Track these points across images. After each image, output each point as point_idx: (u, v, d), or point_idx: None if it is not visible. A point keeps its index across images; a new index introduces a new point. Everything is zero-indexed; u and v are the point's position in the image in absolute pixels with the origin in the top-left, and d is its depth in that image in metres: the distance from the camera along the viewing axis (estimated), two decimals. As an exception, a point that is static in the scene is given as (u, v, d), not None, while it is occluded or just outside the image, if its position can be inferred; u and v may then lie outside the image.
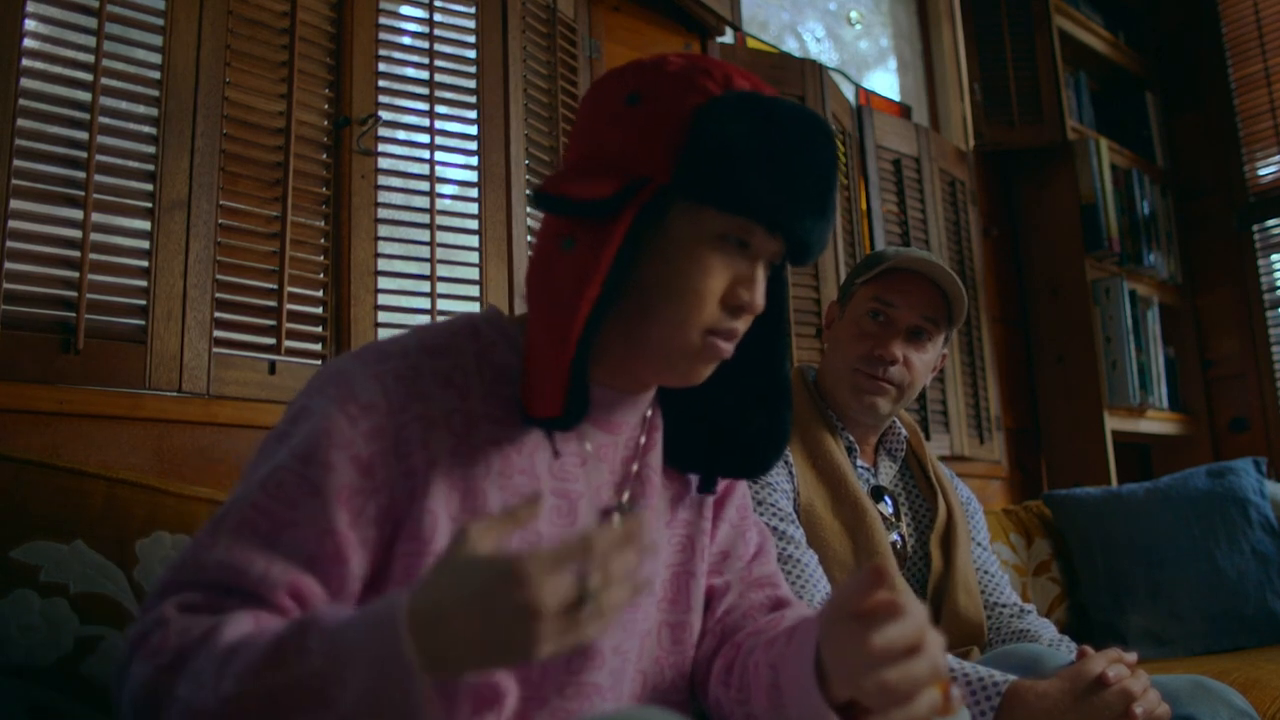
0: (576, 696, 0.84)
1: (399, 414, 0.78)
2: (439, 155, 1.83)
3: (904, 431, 1.54)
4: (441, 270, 1.78)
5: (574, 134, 0.88)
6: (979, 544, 1.57)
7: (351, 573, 0.76)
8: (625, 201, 0.79)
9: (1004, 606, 1.50)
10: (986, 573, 1.54)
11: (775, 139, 0.80)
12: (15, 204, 1.35)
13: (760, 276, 0.84)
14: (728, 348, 0.84)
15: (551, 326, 0.79)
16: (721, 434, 0.94)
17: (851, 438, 1.47)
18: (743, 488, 1.03)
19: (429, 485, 0.78)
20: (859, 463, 1.48)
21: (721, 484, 1.00)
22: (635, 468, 0.91)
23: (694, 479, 0.97)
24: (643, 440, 0.92)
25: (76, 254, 1.39)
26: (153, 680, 0.68)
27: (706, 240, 0.81)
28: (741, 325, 0.85)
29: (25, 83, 1.38)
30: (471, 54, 1.90)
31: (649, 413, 0.93)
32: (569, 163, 0.87)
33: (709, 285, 0.81)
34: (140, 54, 1.51)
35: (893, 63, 3.19)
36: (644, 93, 0.82)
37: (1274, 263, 3.31)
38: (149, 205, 1.48)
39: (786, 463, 1.42)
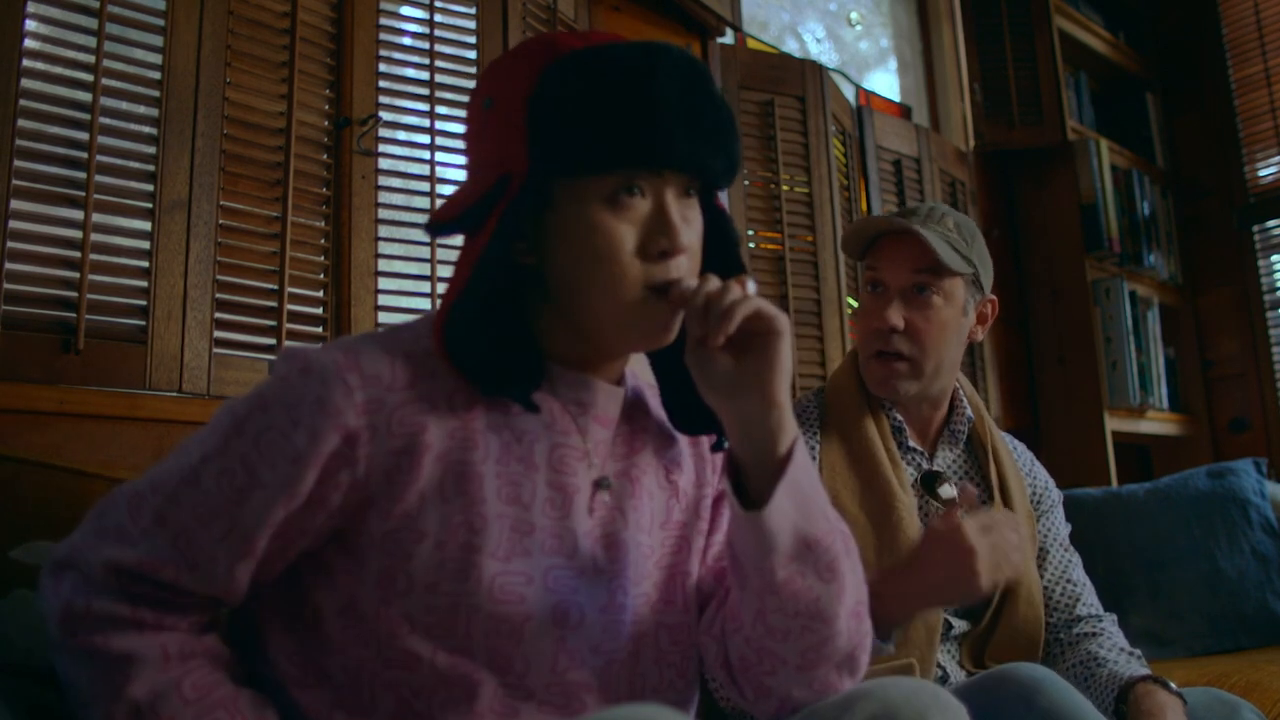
0: (561, 694, 0.84)
1: (402, 391, 0.80)
2: (439, 155, 1.83)
3: (969, 412, 1.41)
4: (442, 270, 1.78)
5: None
6: (1057, 544, 1.43)
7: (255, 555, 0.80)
8: (493, 204, 0.81)
9: (1082, 620, 1.38)
10: (1070, 581, 1.41)
11: (612, 86, 0.79)
12: (15, 204, 1.35)
13: (672, 214, 0.82)
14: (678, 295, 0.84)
15: (434, 341, 0.83)
16: None
17: (900, 417, 1.37)
18: None
19: (420, 466, 0.79)
20: (910, 443, 1.37)
21: (722, 483, 0.99)
22: (614, 466, 0.90)
23: (687, 483, 0.96)
24: (612, 435, 0.91)
25: (77, 254, 1.39)
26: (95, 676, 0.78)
27: (594, 205, 0.81)
28: (677, 270, 0.82)
29: (25, 83, 1.38)
30: (472, 54, 1.90)
31: (628, 396, 0.93)
32: (463, 184, 0.89)
33: (615, 246, 0.80)
34: (140, 54, 1.51)
35: (893, 63, 3.19)
36: (493, 94, 0.84)
37: (1274, 263, 3.31)
38: (149, 205, 1.48)
39: (810, 449, 1.33)
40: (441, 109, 1.85)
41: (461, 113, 1.87)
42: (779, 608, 0.84)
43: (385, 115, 1.77)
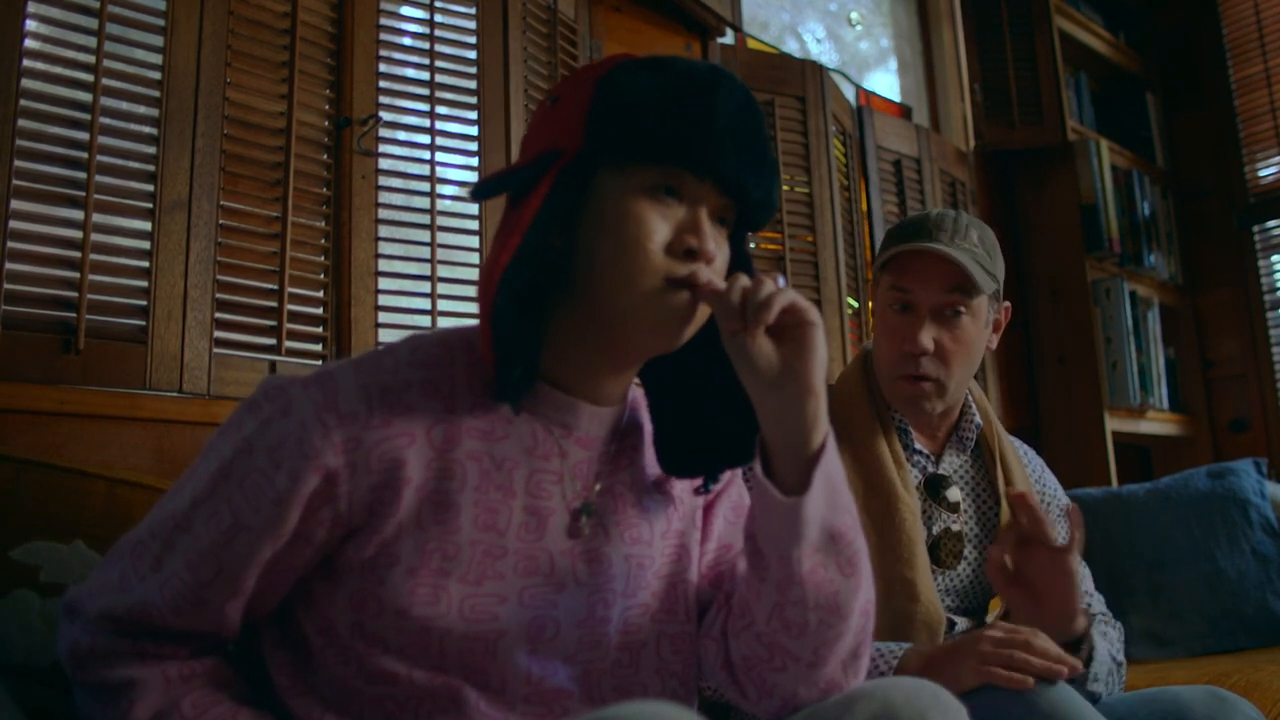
0: (542, 702, 0.85)
1: (379, 428, 0.80)
2: (439, 156, 1.83)
3: (978, 418, 1.41)
4: (441, 271, 1.78)
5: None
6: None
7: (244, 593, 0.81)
8: (541, 172, 0.82)
9: None
10: None
11: (677, 85, 0.82)
12: (16, 204, 1.35)
13: (705, 224, 0.84)
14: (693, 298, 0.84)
15: (480, 305, 0.83)
16: (711, 427, 0.93)
17: (906, 421, 1.36)
18: (737, 487, 1.02)
19: (399, 499, 0.80)
20: (917, 446, 1.37)
21: (715, 488, 0.99)
22: (598, 487, 0.90)
23: (683, 490, 0.96)
24: (613, 448, 0.92)
25: (77, 254, 1.39)
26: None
27: (634, 194, 0.82)
28: (698, 271, 0.83)
29: (26, 83, 1.38)
30: (472, 54, 1.90)
31: (623, 420, 0.93)
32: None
33: (645, 234, 0.81)
34: (141, 54, 1.51)
35: (893, 63, 3.19)
36: (560, 91, 0.87)
37: (1274, 263, 3.31)
38: (149, 205, 1.48)
39: None
40: (441, 109, 1.85)
41: (461, 113, 1.87)
42: (799, 599, 0.84)
43: (385, 115, 1.77)
